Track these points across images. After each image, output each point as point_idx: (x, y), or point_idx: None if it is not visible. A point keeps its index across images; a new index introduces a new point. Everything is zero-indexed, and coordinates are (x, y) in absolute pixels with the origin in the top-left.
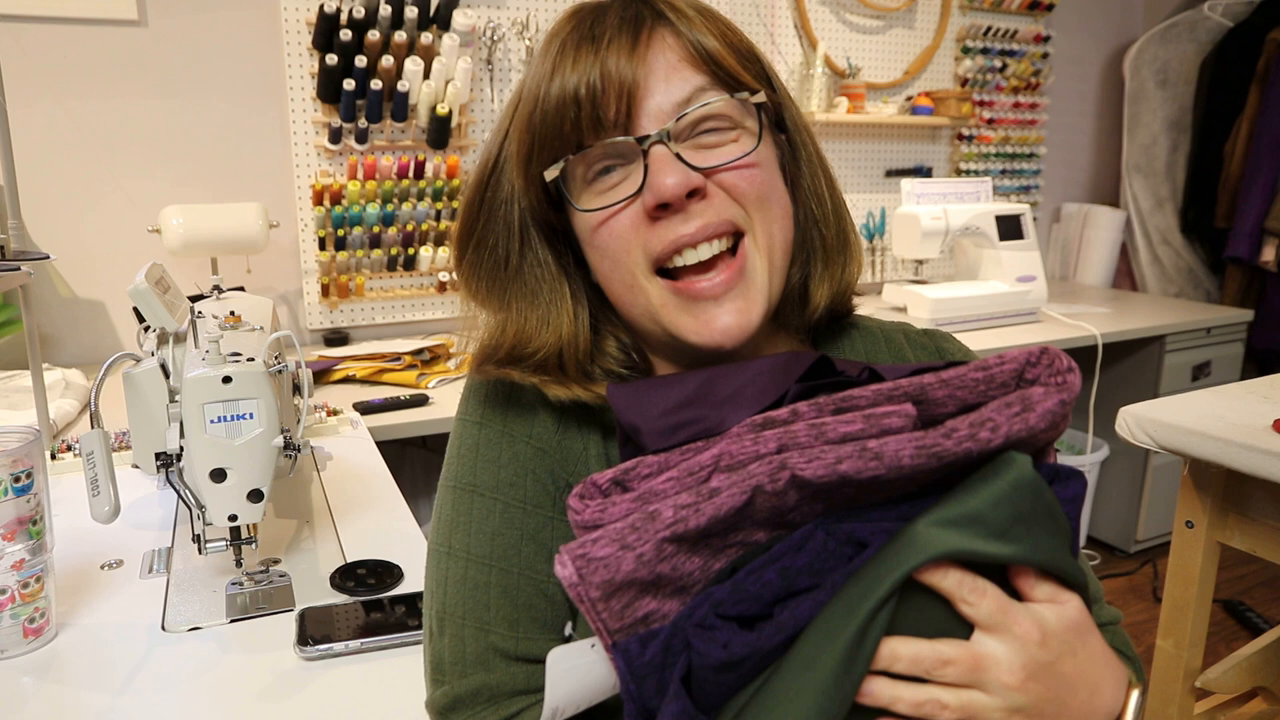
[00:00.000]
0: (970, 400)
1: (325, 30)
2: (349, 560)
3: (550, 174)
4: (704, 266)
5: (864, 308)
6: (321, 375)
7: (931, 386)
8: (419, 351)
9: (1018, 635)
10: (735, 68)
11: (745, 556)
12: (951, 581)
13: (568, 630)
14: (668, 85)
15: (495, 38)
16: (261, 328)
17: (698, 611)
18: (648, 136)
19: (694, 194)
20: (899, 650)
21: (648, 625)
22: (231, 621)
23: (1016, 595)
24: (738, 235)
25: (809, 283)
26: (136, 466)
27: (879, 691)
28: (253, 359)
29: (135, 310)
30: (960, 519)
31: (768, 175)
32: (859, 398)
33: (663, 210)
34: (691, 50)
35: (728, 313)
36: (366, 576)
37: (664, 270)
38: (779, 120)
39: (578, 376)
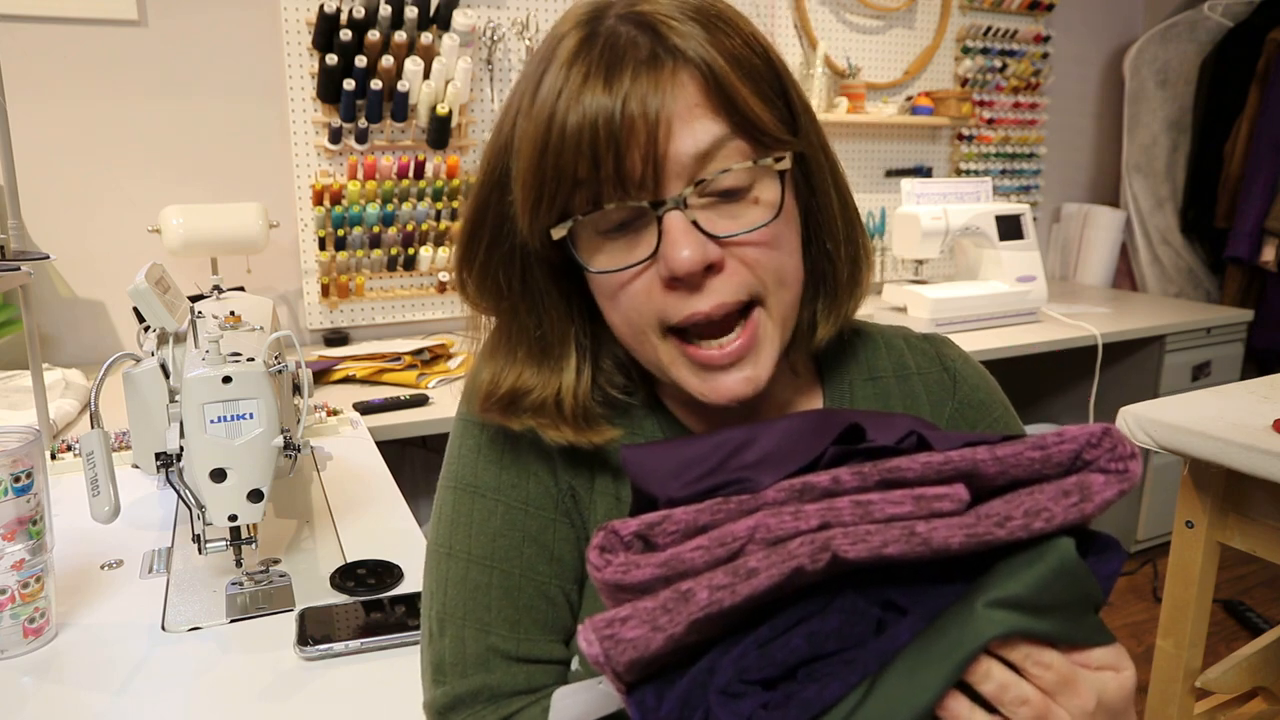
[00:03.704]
0: (1023, 477)
1: (325, 30)
2: (349, 560)
3: (558, 233)
4: (715, 328)
5: (863, 308)
6: (321, 375)
7: (985, 463)
8: (419, 351)
9: (1077, 704)
10: (756, 111)
11: (768, 611)
12: (1019, 655)
13: (574, 666)
14: (690, 135)
15: (495, 38)
16: (261, 328)
17: (720, 673)
18: (663, 202)
19: (710, 268)
20: (992, 671)
21: (665, 672)
22: (231, 621)
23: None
24: (752, 303)
25: (816, 318)
26: (136, 466)
27: (958, 709)
28: (253, 359)
29: (135, 310)
30: (1007, 601)
31: (785, 241)
32: (906, 470)
33: (678, 281)
34: (709, 92)
35: (736, 381)
36: (366, 576)
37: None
38: (800, 156)
39: (574, 420)
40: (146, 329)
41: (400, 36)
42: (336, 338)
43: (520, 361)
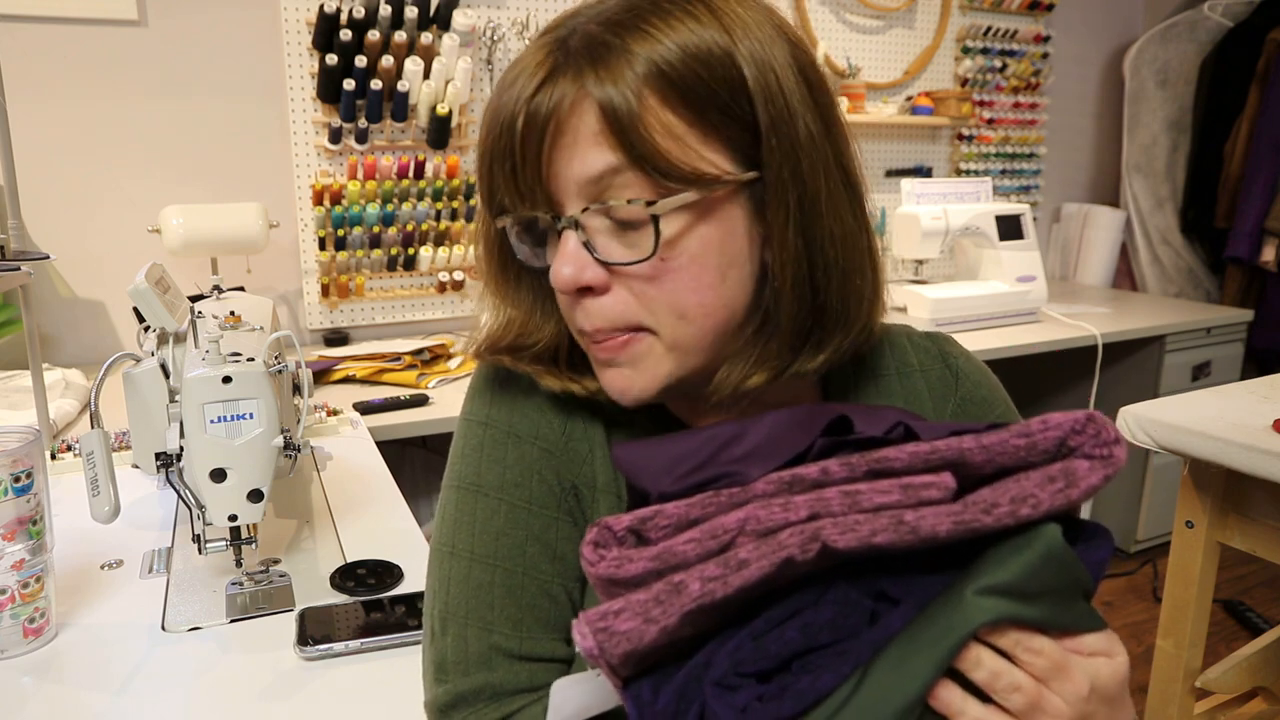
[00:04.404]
0: (1010, 465)
1: (325, 30)
2: (349, 560)
3: (499, 223)
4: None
5: None
6: (321, 375)
7: (971, 452)
8: (419, 351)
9: (1070, 690)
10: (661, 148)
11: (762, 603)
12: (1009, 641)
13: (577, 651)
14: (578, 160)
15: (495, 38)
16: (261, 328)
17: (715, 666)
18: (560, 218)
19: (591, 290)
20: (983, 658)
21: (661, 666)
22: (231, 621)
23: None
24: (642, 330)
25: (756, 361)
26: (136, 466)
27: (950, 698)
28: (253, 359)
29: (135, 310)
30: (996, 588)
31: (689, 275)
32: (894, 460)
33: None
34: (608, 123)
35: (617, 376)
36: (366, 576)
37: None
38: (760, 183)
39: (569, 370)
40: (146, 329)
41: (400, 36)
42: (336, 338)
43: (527, 311)
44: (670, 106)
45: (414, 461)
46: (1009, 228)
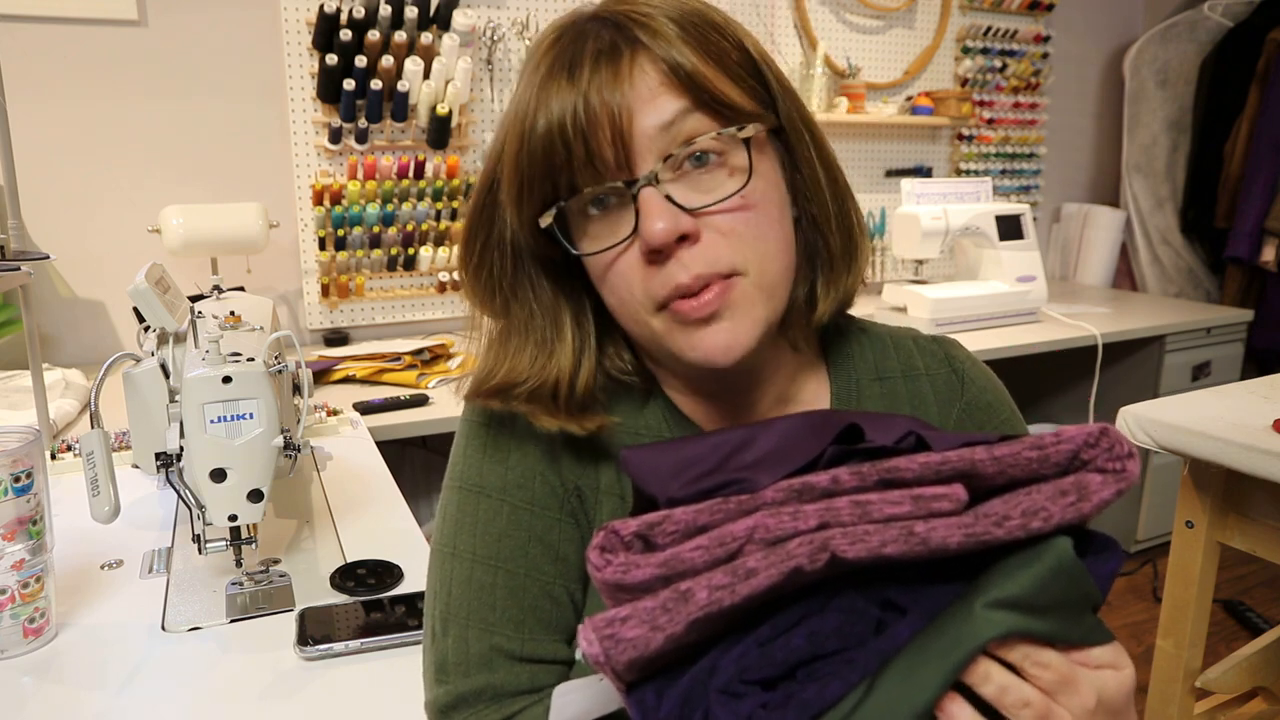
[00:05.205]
0: (1021, 477)
1: (325, 30)
2: (349, 560)
3: (545, 220)
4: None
5: (864, 308)
6: (321, 375)
7: (983, 463)
8: (419, 351)
9: (1077, 703)
10: (720, 89)
11: (768, 610)
12: (1017, 655)
13: (579, 655)
14: (653, 112)
15: (495, 38)
16: (261, 328)
17: (720, 673)
18: (635, 180)
19: (685, 238)
20: (991, 672)
21: (666, 671)
22: (231, 621)
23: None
24: (734, 275)
25: (815, 291)
26: (136, 466)
27: (958, 712)
28: (253, 359)
29: (135, 310)
30: (1005, 601)
31: (763, 211)
32: (905, 470)
33: (657, 255)
34: (670, 74)
35: (717, 332)
36: (366, 576)
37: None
38: (778, 129)
39: (568, 407)
40: (146, 329)
41: (400, 36)
42: (336, 338)
43: (515, 353)
44: (704, 60)
45: (414, 461)
46: (1009, 228)
